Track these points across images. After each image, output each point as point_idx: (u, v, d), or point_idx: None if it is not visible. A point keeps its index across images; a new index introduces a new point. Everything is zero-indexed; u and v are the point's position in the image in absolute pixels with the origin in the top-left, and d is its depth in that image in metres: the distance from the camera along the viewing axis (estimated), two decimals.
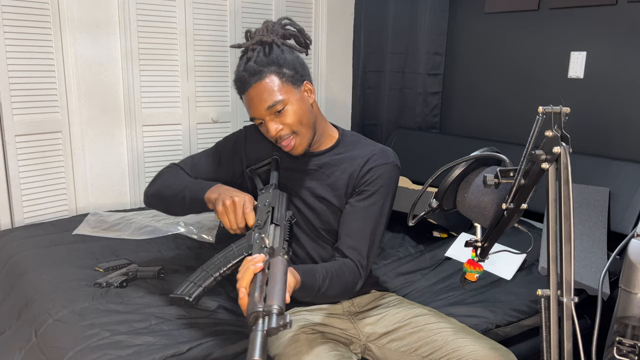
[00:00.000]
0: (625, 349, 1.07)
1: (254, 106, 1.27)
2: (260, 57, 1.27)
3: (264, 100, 1.26)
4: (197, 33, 2.57)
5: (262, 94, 1.25)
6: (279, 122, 1.28)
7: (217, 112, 2.73)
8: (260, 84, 1.25)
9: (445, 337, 1.26)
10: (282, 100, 1.26)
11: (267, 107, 1.26)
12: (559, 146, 0.85)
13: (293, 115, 1.28)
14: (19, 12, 2.11)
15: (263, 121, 1.29)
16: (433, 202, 1.07)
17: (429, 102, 2.92)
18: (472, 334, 1.29)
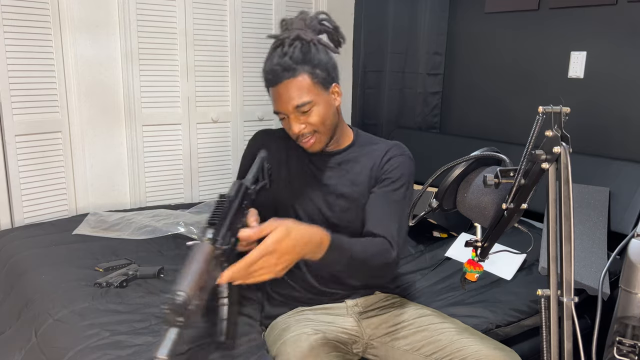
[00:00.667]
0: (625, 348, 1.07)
1: (281, 102, 1.27)
2: (296, 53, 1.25)
3: (293, 99, 1.25)
4: (197, 33, 2.57)
5: (292, 91, 1.25)
6: (303, 121, 1.28)
7: (217, 112, 2.73)
8: (292, 82, 1.25)
9: (450, 337, 1.26)
10: (311, 101, 1.26)
11: (295, 105, 1.25)
12: (559, 146, 0.85)
13: (317, 116, 1.28)
14: (19, 12, 2.11)
15: (286, 117, 1.29)
16: (433, 202, 1.07)
17: (429, 102, 2.92)
18: (476, 334, 1.29)
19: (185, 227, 2.17)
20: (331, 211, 1.37)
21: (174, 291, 0.74)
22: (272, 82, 1.27)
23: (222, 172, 2.82)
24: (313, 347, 1.20)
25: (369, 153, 1.39)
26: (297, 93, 1.25)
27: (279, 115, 1.31)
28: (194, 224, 2.20)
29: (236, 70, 2.73)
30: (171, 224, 2.20)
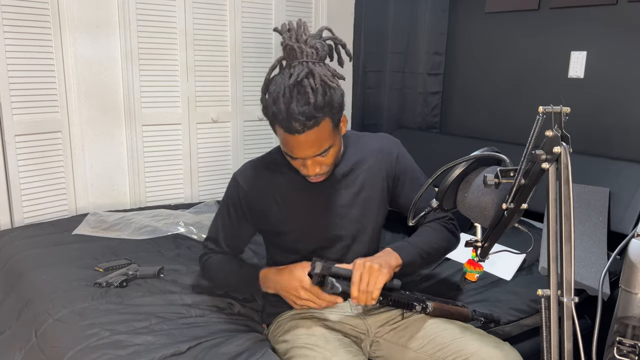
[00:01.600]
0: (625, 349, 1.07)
1: (301, 150, 1.19)
2: (319, 99, 1.14)
3: (316, 147, 1.19)
4: (197, 33, 2.57)
5: (314, 141, 1.18)
6: (320, 163, 1.24)
7: (217, 112, 2.73)
8: (315, 131, 1.16)
9: (452, 335, 1.27)
10: (332, 146, 1.22)
11: (316, 154, 1.20)
12: (559, 146, 0.84)
13: (333, 156, 1.25)
14: (19, 12, 2.11)
15: (299, 158, 1.23)
16: (433, 202, 1.07)
17: (429, 102, 2.92)
18: (478, 333, 1.30)
19: (185, 227, 2.17)
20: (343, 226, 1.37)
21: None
22: (291, 131, 1.16)
23: (222, 172, 2.82)
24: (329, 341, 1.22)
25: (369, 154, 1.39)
26: (320, 141, 1.19)
27: (291, 156, 1.24)
28: (194, 224, 2.20)
29: (236, 70, 2.73)
30: (171, 224, 2.20)
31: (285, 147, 1.22)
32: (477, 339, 1.25)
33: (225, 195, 1.44)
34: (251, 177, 1.37)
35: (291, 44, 1.18)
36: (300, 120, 1.13)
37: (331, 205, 1.36)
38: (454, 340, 1.25)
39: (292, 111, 1.13)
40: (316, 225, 1.36)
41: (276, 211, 1.36)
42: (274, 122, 1.19)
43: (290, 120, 1.14)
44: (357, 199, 1.37)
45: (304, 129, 1.15)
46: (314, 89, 1.14)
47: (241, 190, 1.37)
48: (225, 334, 1.37)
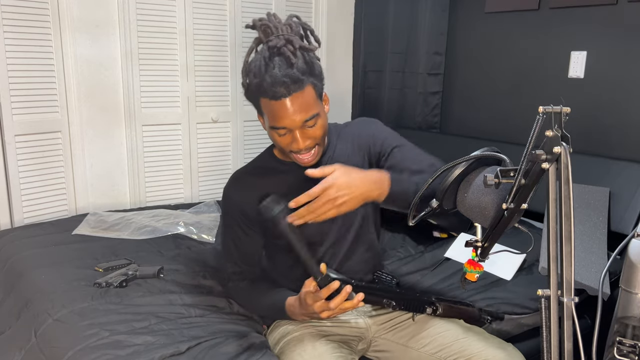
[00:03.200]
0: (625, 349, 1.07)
1: (287, 116, 1.18)
2: (300, 64, 1.17)
3: (303, 113, 1.18)
4: (197, 33, 2.57)
5: (301, 105, 1.17)
6: (309, 135, 1.22)
7: (217, 112, 2.73)
8: (300, 95, 1.16)
9: (455, 335, 1.27)
10: (318, 114, 1.21)
11: (304, 120, 1.19)
12: (560, 146, 0.84)
13: (321, 128, 1.23)
14: (19, 12, 2.11)
15: (290, 132, 1.21)
16: (433, 202, 1.07)
17: (429, 102, 2.92)
18: (482, 333, 1.30)
19: (185, 227, 2.17)
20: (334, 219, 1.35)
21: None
22: (276, 96, 1.16)
23: (222, 172, 2.82)
24: (316, 348, 1.20)
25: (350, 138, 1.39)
26: (306, 106, 1.18)
27: (279, 131, 1.22)
28: (194, 224, 2.20)
29: (236, 70, 2.73)
30: (171, 224, 2.20)
31: (273, 118, 1.20)
32: (481, 339, 1.25)
33: (222, 214, 1.42)
34: (240, 187, 1.36)
35: (266, 22, 1.23)
36: (286, 82, 1.15)
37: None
38: (456, 341, 1.25)
39: (276, 75, 1.15)
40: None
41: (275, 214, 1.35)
42: (259, 94, 1.19)
43: (275, 85, 1.15)
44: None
45: (289, 91, 1.16)
46: (294, 54, 1.17)
47: (234, 203, 1.36)
48: (225, 334, 1.37)
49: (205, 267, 1.83)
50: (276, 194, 1.26)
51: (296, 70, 1.16)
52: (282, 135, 1.22)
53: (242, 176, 1.38)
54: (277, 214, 1.10)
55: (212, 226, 2.22)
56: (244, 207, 1.35)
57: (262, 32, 1.23)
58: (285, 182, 1.34)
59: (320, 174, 1.11)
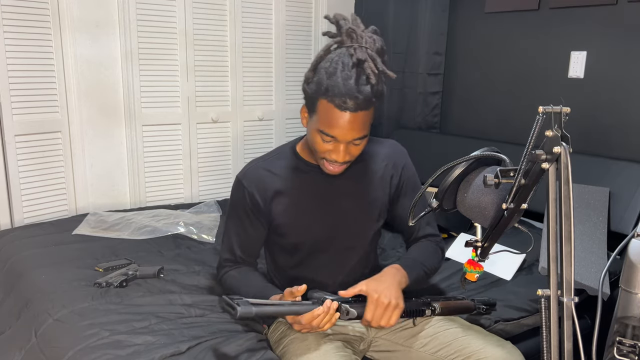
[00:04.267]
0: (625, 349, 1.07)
1: (343, 129, 1.16)
2: (375, 85, 1.14)
3: (357, 131, 1.17)
4: (197, 33, 2.57)
5: (359, 124, 1.16)
6: (350, 152, 1.22)
7: (217, 112, 2.73)
8: (363, 114, 1.15)
9: (455, 334, 1.27)
10: (367, 135, 1.21)
11: (356, 138, 1.18)
12: (559, 146, 0.84)
13: (361, 148, 1.24)
14: (19, 12, 2.11)
15: (334, 141, 1.19)
16: (433, 202, 1.07)
17: (429, 102, 2.92)
18: (481, 332, 1.30)
19: (185, 227, 2.17)
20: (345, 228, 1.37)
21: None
22: (342, 106, 1.13)
23: (222, 172, 2.82)
24: (320, 345, 1.21)
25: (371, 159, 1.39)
26: (362, 126, 1.17)
27: (325, 137, 1.19)
28: (194, 224, 2.20)
29: (236, 70, 2.73)
30: (171, 224, 2.20)
31: (328, 125, 1.16)
32: (480, 337, 1.25)
33: (231, 200, 1.41)
34: (254, 178, 1.35)
35: (353, 27, 1.18)
36: (357, 97, 1.12)
37: (334, 206, 1.36)
38: (456, 339, 1.25)
39: (351, 87, 1.12)
40: (318, 226, 1.36)
41: (279, 211, 1.35)
42: (325, 96, 1.14)
43: (346, 96, 1.12)
44: (361, 202, 1.37)
45: (357, 108, 1.13)
46: (375, 74, 1.13)
47: (246, 191, 1.35)
48: (225, 334, 1.37)
49: (205, 267, 1.83)
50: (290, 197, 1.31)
51: (370, 90, 1.14)
52: (325, 142, 1.20)
53: (259, 169, 1.36)
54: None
55: (212, 226, 2.22)
56: (256, 199, 1.34)
57: (347, 35, 1.19)
58: (303, 183, 1.34)
59: (351, 293, 1.20)
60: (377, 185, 1.38)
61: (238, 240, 1.40)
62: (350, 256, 1.40)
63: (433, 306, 1.29)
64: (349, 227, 1.38)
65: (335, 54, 1.18)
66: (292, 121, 3.01)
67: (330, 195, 1.35)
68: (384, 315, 1.17)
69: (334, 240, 1.38)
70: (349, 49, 1.16)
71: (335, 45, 1.20)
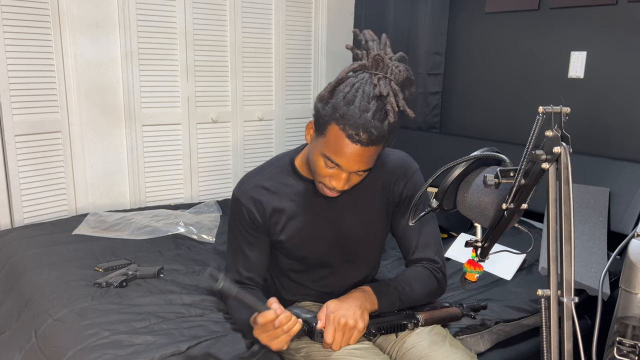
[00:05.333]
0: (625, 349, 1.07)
1: (349, 160, 1.12)
2: (392, 123, 1.11)
3: (363, 164, 1.14)
4: (197, 33, 2.57)
5: (366, 158, 1.13)
6: (352, 181, 1.20)
7: (217, 112, 2.73)
8: (372, 149, 1.13)
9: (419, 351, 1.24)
10: (371, 169, 1.19)
11: (360, 170, 1.16)
12: (559, 146, 0.84)
13: (361, 179, 1.22)
14: (19, 12, 2.11)
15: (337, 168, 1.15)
16: (433, 202, 1.07)
17: (429, 102, 2.92)
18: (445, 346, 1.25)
19: (185, 227, 2.17)
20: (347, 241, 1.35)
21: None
22: (353, 138, 1.09)
23: (222, 172, 2.82)
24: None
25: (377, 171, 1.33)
26: (368, 160, 1.14)
27: (329, 163, 1.15)
28: (194, 224, 2.20)
29: (236, 70, 2.73)
30: (171, 224, 2.20)
31: (335, 152, 1.12)
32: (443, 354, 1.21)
33: (230, 218, 1.36)
34: (252, 196, 1.31)
35: (382, 55, 1.12)
36: (372, 133, 1.09)
37: (336, 221, 1.33)
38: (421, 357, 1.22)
39: (367, 121, 1.08)
40: (320, 242, 1.33)
41: (279, 228, 1.32)
42: (338, 122, 1.10)
43: (360, 128, 1.08)
44: (363, 216, 1.34)
45: (369, 143, 1.10)
46: (394, 112, 1.11)
47: (244, 209, 1.31)
48: (225, 334, 1.37)
49: (205, 267, 1.83)
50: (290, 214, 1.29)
51: (386, 128, 1.11)
52: (328, 167, 1.16)
53: (257, 187, 1.32)
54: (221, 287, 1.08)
55: (212, 226, 2.22)
56: (254, 216, 1.31)
57: (373, 61, 1.13)
58: (303, 200, 1.31)
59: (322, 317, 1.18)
60: (380, 198, 1.34)
61: (243, 261, 1.35)
62: (353, 269, 1.39)
63: (416, 319, 1.27)
64: (351, 242, 1.35)
65: (357, 79, 1.13)
66: (292, 121, 3.01)
67: (331, 211, 1.32)
68: (344, 338, 1.15)
69: (336, 255, 1.35)
70: (373, 77, 1.12)
71: (357, 69, 1.15)
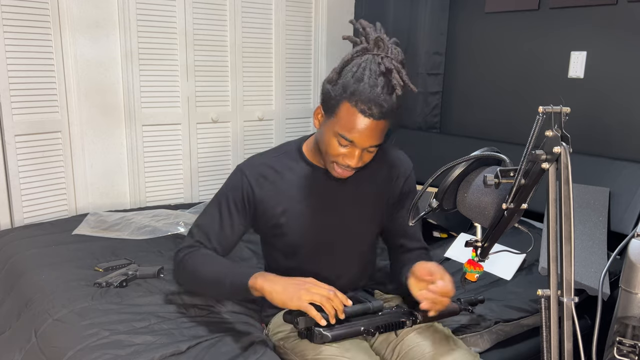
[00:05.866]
0: (625, 349, 1.07)
1: (362, 135, 1.17)
2: (399, 97, 1.18)
3: (375, 139, 1.19)
4: (197, 33, 2.57)
5: (377, 132, 1.18)
6: (364, 158, 1.23)
7: (217, 112, 2.73)
8: (382, 123, 1.17)
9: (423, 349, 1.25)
10: (381, 144, 1.23)
11: (372, 145, 1.20)
12: (559, 146, 0.85)
13: (372, 157, 1.26)
14: (19, 12, 2.11)
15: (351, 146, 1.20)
16: (433, 202, 1.07)
17: (429, 102, 2.92)
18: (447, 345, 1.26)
19: (185, 227, 2.17)
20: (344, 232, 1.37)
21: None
22: (366, 112, 1.15)
23: (222, 172, 2.82)
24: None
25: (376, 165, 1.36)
26: (379, 134, 1.19)
27: (342, 141, 1.19)
28: None
29: (236, 70, 2.73)
30: (171, 224, 2.20)
31: (348, 129, 1.17)
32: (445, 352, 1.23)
33: (225, 187, 1.36)
34: (257, 171, 1.33)
35: (381, 36, 1.20)
36: (382, 106, 1.15)
37: (336, 209, 1.35)
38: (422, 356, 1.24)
39: (377, 95, 1.14)
40: (319, 228, 1.35)
41: (279, 211, 1.33)
42: (350, 99, 1.16)
43: (372, 102, 1.14)
44: (363, 206, 1.37)
45: (380, 116, 1.15)
46: (401, 85, 1.18)
47: (245, 180, 1.32)
48: (225, 333, 1.37)
49: None
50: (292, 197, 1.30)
51: (395, 101, 1.17)
52: (341, 146, 1.21)
53: (264, 165, 1.34)
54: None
55: None
56: (252, 190, 1.32)
57: (375, 44, 1.21)
58: (307, 185, 1.33)
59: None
60: (380, 191, 1.38)
61: (218, 228, 1.33)
62: (349, 259, 1.40)
63: (414, 315, 1.27)
64: (350, 231, 1.37)
65: (362, 60, 1.20)
66: (292, 121, 3.01)
67: (333, 198, 1.35)
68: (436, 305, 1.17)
69: (334, 243, 1.37)
70: (376, 57, 1.19)
71: (360, 52, 1.22)
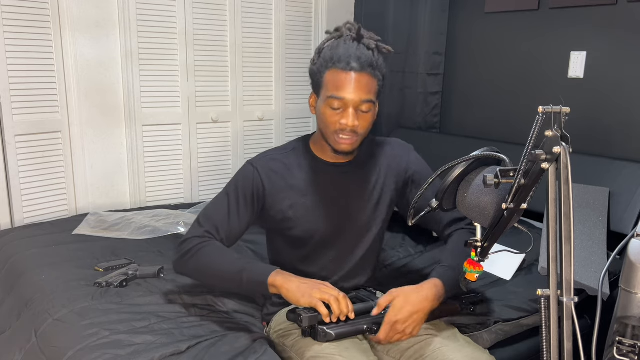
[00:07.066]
0: (625, 348, 1.07)
1: (350, 89, 1.24)
2: (376, 57, 1.27)
3: (364, 92, 1.25)
4: (197, 33, 2.57)
5: (364, 86, 1.25)
6: (359, 119, 1.28)
7: (217, 112, 2.73)
8: (367, 77, 1.25)
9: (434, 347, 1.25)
10: (374, 102, 1.29)
11: (363, 99, 1.25)
12: (559, 146, 0.85)
13: (368, 122, 1.31)
14: (19, 12, 2.11)
15: (343, 107, 1.26)
16: (433, 202, 1.07)
17: (429, 102, 2.92)
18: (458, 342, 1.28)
19: (185, 227, 2.17)
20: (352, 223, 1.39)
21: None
22: (347, 67, 1.24)
23: (222, 172, 2.82)
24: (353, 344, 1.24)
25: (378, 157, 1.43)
26: (368, 89, 1.26)
27: (335, 104, 1.26)
28: None
29: (236, 70, 2.73)
30: (171, 224, 2.20)
31: (336, 88, 1.25)
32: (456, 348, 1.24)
33: (235, 180, 1.38)
34: (268, 166, 1.37)
35: (352, 24, 1.31)
36: (360, 57, 1.24)
37: (343, 203, 1.38)
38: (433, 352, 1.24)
39: (351, 50, 1.25)
40: (326, 221, 1.37)
41: (287, 204, 1.36)
42: (331, 64, 1.26)
43: (349, 57, 1.24)
44: (369, 199, 1.40)
45: (361, 69, 1.23)
46: (376, 46, 1.29)
47: (257, 176, 1.35)
48: (225, 333, 1.37)
49: None
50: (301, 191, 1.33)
51: (373, 57, 1.26)
52: (335, 110, 1.26)
53: (274, 160, 1.38)
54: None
55: None
56: (262, 185, 1.35)
57: (347, 28, 1.32)
58: (314, 179, 1.37)
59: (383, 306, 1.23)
60: (384, 183, 1.41)
61: (227, 221, 1.34)
62: (355, 252, 1.42)
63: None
64: (356, 224, 1.40)
65: (338, 38, 1.32)
66: (292, 121, 3.01)
67: (340, 192, 1.38)
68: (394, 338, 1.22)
69: (340, 236, 1.39)
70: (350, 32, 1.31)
71: (336, 35, 1.33)
